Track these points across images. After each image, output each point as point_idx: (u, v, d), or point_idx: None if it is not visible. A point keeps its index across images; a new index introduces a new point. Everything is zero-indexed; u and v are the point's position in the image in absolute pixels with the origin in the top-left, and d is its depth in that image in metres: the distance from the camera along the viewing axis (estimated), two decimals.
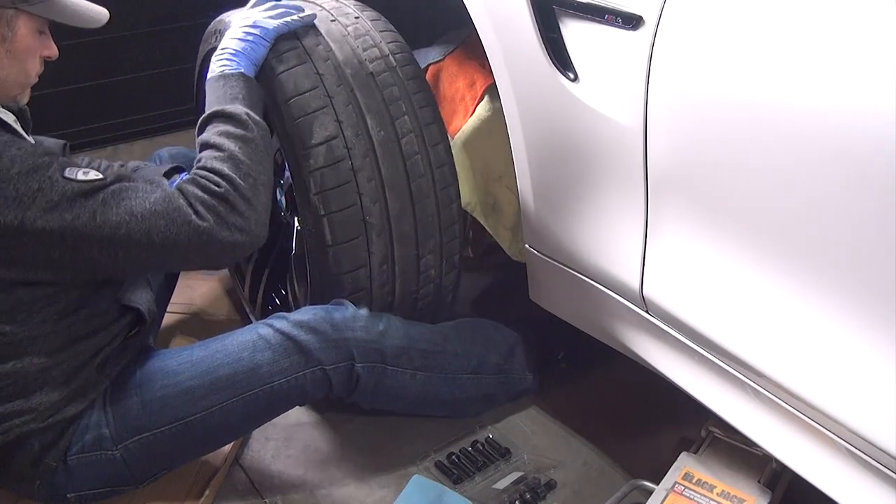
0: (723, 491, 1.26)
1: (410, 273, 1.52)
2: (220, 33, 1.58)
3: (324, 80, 1.42)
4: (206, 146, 1.28)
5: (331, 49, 1.46)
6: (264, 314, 1.79)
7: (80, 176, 1.15)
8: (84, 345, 1.29)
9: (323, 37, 1.47)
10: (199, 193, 1.21)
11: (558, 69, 1.27)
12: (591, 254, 1.35)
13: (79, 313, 1.27)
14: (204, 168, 1.25)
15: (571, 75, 1.26)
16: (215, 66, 1.38)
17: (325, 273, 1.46)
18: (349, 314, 1.42)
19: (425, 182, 1.49)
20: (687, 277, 1.19)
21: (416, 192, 1.48)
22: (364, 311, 1.44)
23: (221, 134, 1.28)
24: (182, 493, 1.42)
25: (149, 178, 1.24)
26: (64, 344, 1.26)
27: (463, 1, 1.43)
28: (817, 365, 1.04)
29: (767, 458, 1.28)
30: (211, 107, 1.33)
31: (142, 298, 1.38)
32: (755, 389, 1.13)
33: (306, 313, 1.41)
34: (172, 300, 1.77)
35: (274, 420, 1.50)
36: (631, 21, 1.14)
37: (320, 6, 1.56)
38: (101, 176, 1.18)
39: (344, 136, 1.41)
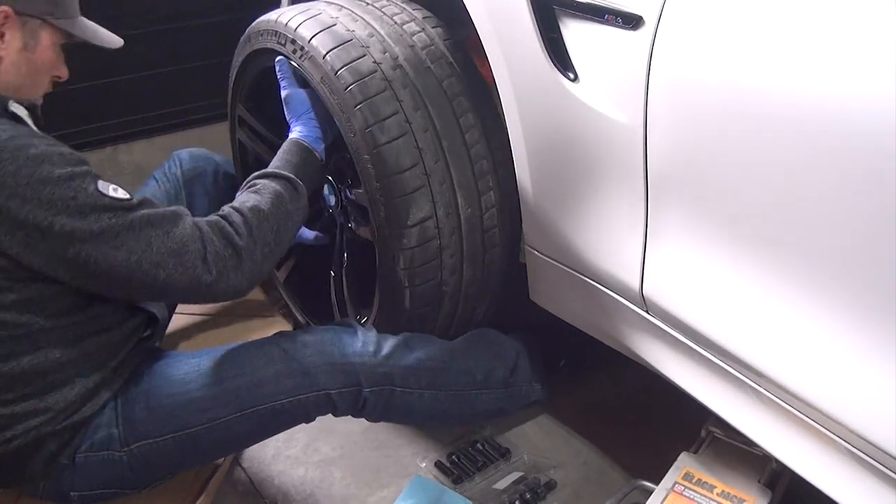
0: (723, 491, 1.26)
1: (466, 322, 1.62)
2: (265, 34, 1.57)
3: (423, 157, 1.41)
4: (254, 191, 1.34)
5: (430, 116, 1.43)
6: (294, 298, 1.88)
7: (111, 192, 1.18)
8: (96, 342, 1.29)
9: (420, 95, 1.43)
10: (216, 242, 1.24)
11: (558, 69, 1.27)
12: (591, 254, 1.35)
13: (87, 310, 1.27)
14: (238, 211, 1.29)
15: (571, 75, 1.26)
16: (300, 130, 1.49)
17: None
18: (359, 338, 1.42)
19: (498, 252, 1.53)
20: (687, 277, 1.19)
21: (489, 262, 1.53)
22: (372, 334, 1.44)
23: (274, 193, 1.34)
24: (182, 492, 1.42)
25: (170, 208, 1.26)
26: (76, 339, 1.26)
27: (463, 1, 1.44)
28: (817, 365, 1.04)
29: (767, 458, 1.28)
30: (283, 164, 1.42)
31: (151, 304, 1.40)
32: (755, 389, 1.13)
33: (315, 333, 1.41)
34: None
35: None
36: (631, 21, 1.14)
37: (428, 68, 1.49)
38: (128, 196, 1.20)
39: (437, 217, 1.44)
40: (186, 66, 2.37)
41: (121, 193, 1.19)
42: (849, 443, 1.02)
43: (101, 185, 1.18)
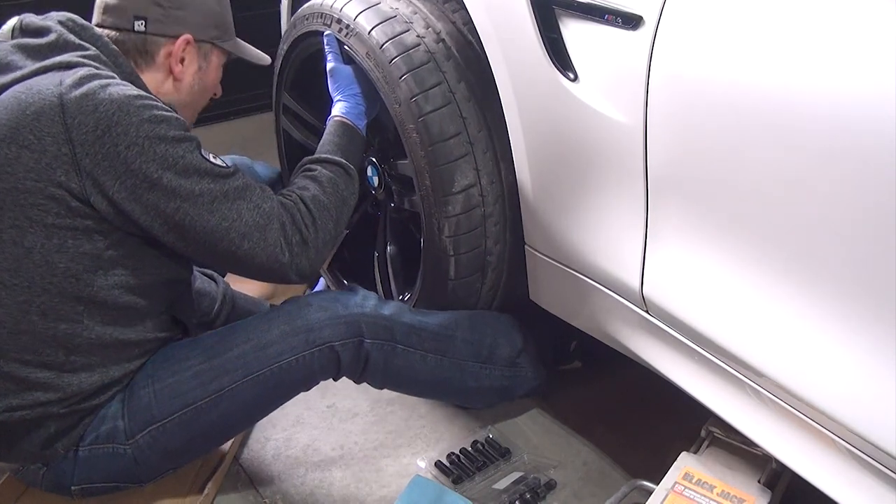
0: (723, 491, 1.26)
1: (510, 295, 1.64)
2: (311, 18, 1.63)
3: (467, 125, 1.44)
4: (311, 177, 1.40)
5: (472, 87, 1.46)
6: (332, 272, 1.92)
7: (211, 158, 1.27)
8: (131, 341, 1.31)
9: (462, 67, 1.46)
10: (288, 226, 1.31)
11: (558, 69, 1.27)
12: (591, 254, 1.35)
13: (138, 307, 1.30)
14: (303, 200, 1.35)
15: (571, 75, 1.26)
16: (343, 106, 1.54)
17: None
18: (360, 295, 1.46)
19: None
20: (687, 277, 1.19)
21: None
22: (373, 294, 1.48)
23: (330, 181, 1.40)
24: (182, 491, 1.42)
25: (259, 183, 1.32)
26: (117, 328, 1.28)
27: (463, 1, 1.44)
28: (817, 364, 1.04)
29: (767, 458, 1.28)
30: (332, 147, 1.47)
31: (189, 317, 1.46)
32: (755, 389, 1.13)
33: (318, 295, 1.45)
34: None
35: (274, 420, 1.50)
36: (631, 21, 1.14)
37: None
38: (225, 164, 1.28)
39: (480, 185, 1.46)
40: None
41: (220, 161, 1.28)
42: (849, 443, 1.03)
43: (204, 152, 1.27)
